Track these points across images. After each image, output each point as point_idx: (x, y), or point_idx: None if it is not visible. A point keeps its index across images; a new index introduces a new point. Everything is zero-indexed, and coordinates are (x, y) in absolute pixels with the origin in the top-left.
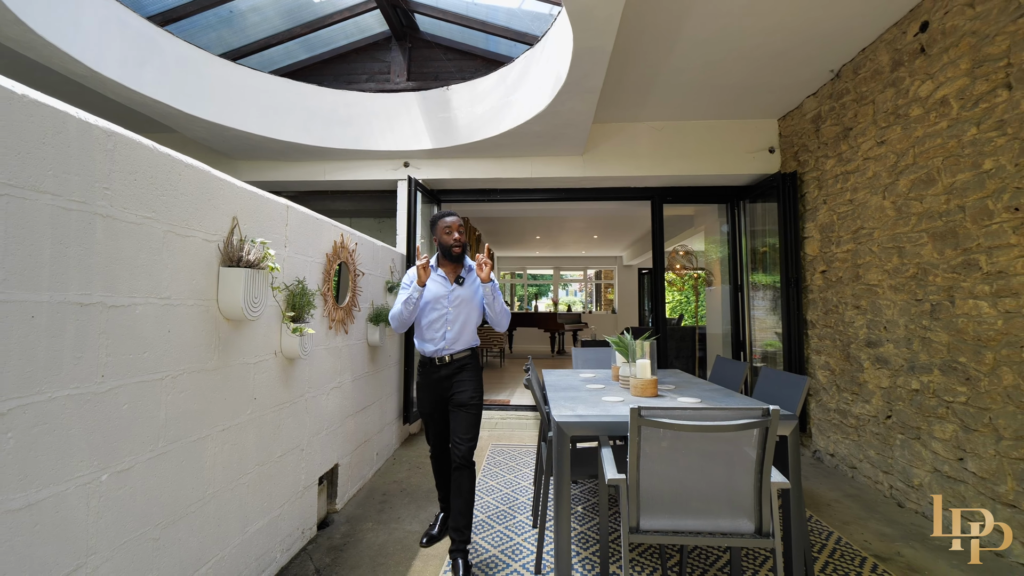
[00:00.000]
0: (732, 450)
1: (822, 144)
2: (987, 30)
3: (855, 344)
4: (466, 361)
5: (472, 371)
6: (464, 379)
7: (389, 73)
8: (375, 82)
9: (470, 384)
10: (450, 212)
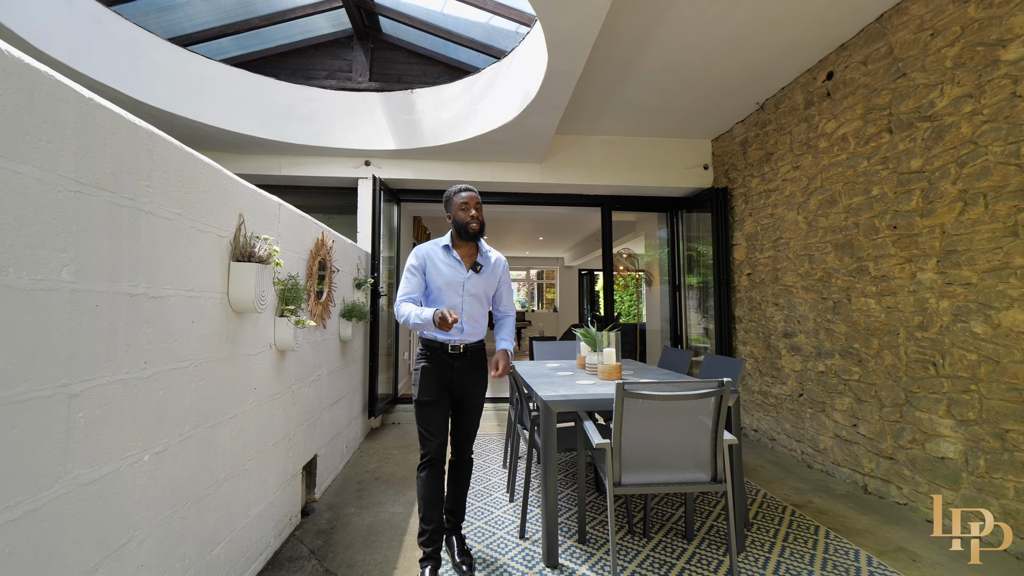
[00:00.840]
0: (693, 416)
1: (748, 165)
2: (876, 84)
3: (774, 335)
4: (481, 355)
5: (484, 366)
6: (479, 378)
7: (351, 72)
8: (336, 79)
9: (484, 383)
10: (467, 187)
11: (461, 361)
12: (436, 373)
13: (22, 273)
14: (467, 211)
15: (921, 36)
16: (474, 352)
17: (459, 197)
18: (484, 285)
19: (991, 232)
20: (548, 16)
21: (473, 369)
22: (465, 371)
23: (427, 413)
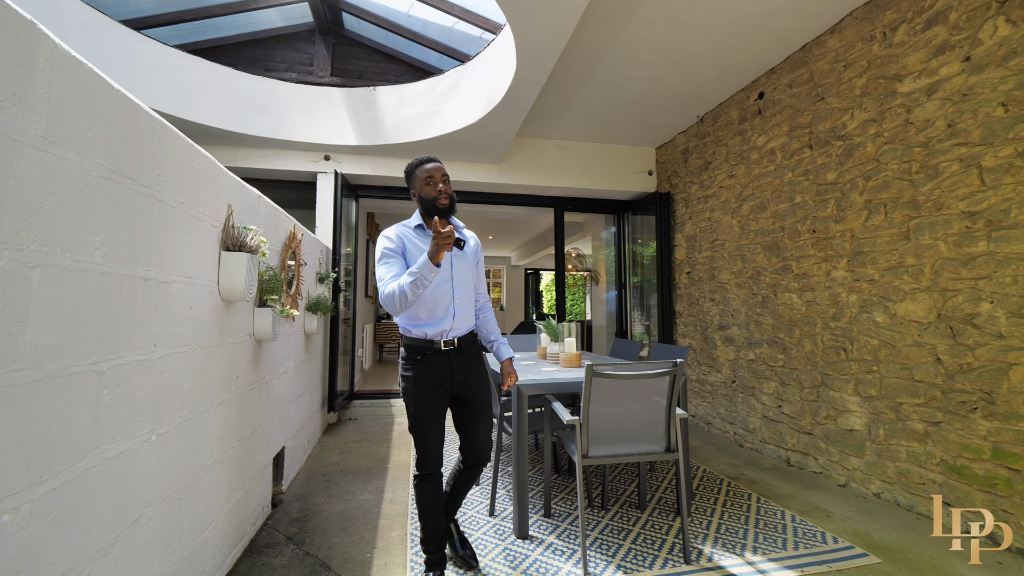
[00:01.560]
0: (650, 394)
1: (689, 172)
2: (799, 106)
3: (711, 328)
4: (477, 348)
5: (479, 359)
6: (481, 371)
7: (312, 66)
8: (296, 72)
9: (482, 377)
10: (429, 156)
11: (458, 358)
12: (431, 379)
13: (66, 254)
14: (433, 185)
15: (836, 66)
16: (469, 344)
17: (422, 170)
18: (469, 263)
19: (889, 236)
20: (520, 28)
21: (473, 364)
22: (465, 368)
23: (425, 429)
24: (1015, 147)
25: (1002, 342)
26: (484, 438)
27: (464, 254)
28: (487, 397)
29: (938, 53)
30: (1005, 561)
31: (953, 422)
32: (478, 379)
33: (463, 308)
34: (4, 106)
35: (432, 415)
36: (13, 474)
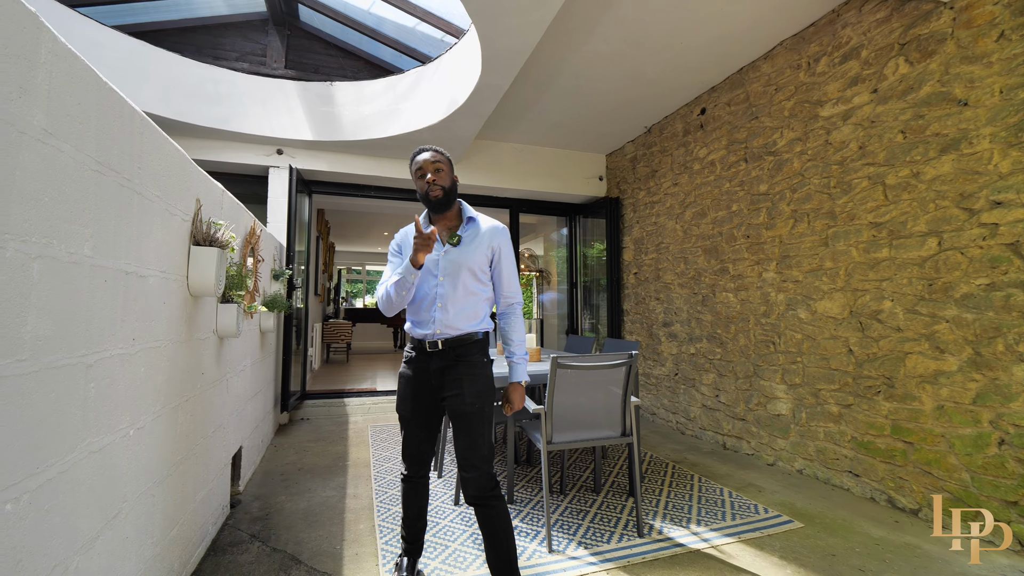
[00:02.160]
0: (607, 384)
1: (637, 179)
2: (736, 123)
3: (656, 325)
4: (466, 349)
5: (474, 364)
6: (462, 374)
7: (265, 56)
8: (247, 63)
9: (471, 382)
10: (422, 148)
11: (439, 360)
12: (410, 383)
13: (62, 246)
14: (423, 177)
15: (768, 89)
16: (456, 347)
17: (413, 164)
18: (466, 261)
19: (811, 242)
20: (488, 37)
21: (454, 367)
22: (445, 372)
23: (406, 429)
24: (911, 168)
25: (900, 334)
26: (467, 447)
27: (461, 251)
28: (465, 407)
29: (852, 84)
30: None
31: (861, 404)
32: (460, 384)
33: (451, 310)
34: (12, 98)
35: (413, 416)
36: (15, 463)
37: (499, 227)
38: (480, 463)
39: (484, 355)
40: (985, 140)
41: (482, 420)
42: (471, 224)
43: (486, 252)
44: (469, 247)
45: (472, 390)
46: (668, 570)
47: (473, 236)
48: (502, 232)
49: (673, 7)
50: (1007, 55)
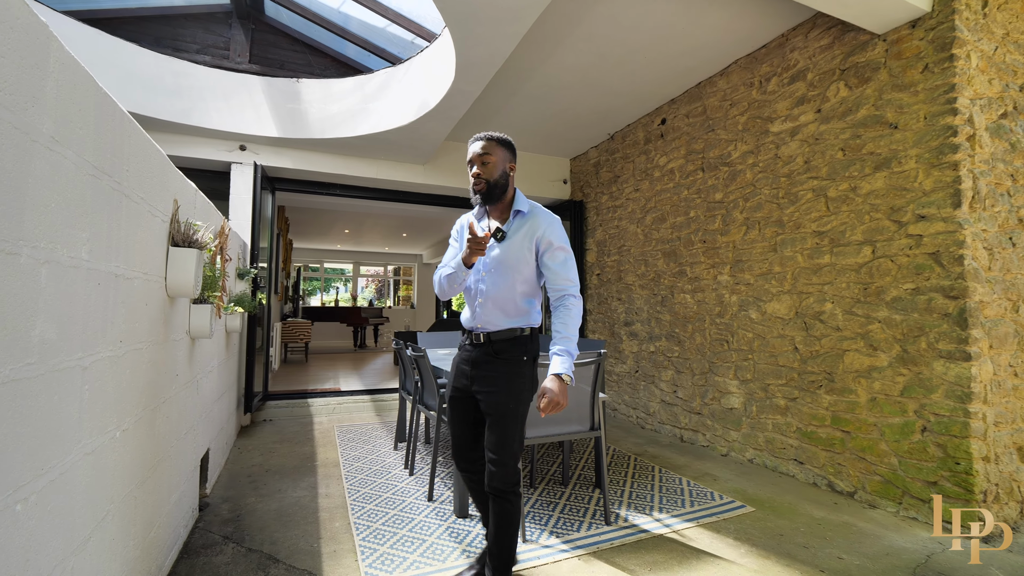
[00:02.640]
0: (578, 381)
1: (600, 183)
2: (694, 134)
3: (617, 324)
4: (505, 346)
5: (511, 362)
6: (498, 372)
7: (228, 50)
8: (209, 56)
9: (506, 380)
10: (474, 137)
11: (478, 352)
12: (454, 367)
13: (64, 250)
14: (471, 168)
15: (724, 104)
16: (496, 343)
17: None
18: (510, 257)
19: (762, 248)
20: (463, 45)
21: (490, 363)
22: (480, 364)
23: (449, 413)
24: (849, 183)
25: (839, 333)
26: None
27: (505, 247)
28: (493, 401)
29: (799, 104)
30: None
31: (805, 397)
32: (490, 381)
33: (493, 305)
34: (26, 107)
35: (452, 402)
36: (24, 464)
37: (547, 218)
38: (508, 460)
39: (525, 353)
40: (912, 160)
41: (515, 419)
42: (517, 217)
43: (531, 246)
44: (512, 242)
45: (506, 388)
46: (634, 554)
47: (518, 230)
48: (550, 222)
49: (637, 25)
50: (931, 85)
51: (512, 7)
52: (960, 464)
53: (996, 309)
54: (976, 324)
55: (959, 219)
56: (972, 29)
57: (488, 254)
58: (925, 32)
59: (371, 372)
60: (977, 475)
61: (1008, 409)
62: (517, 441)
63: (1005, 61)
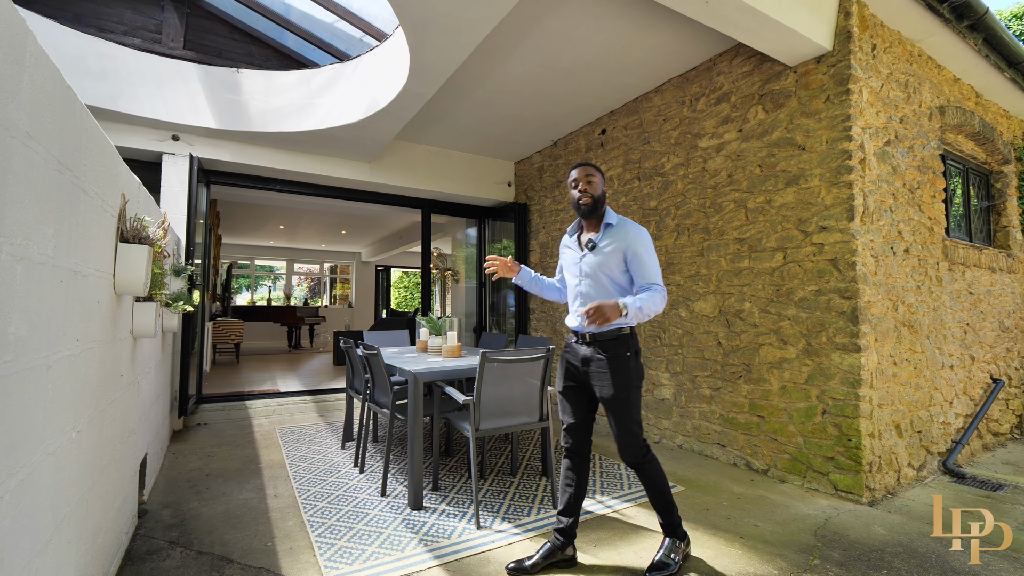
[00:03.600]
0: (526, 376)
1: (543, 187)
2: (631, 145)
3: (559, 322)
4: (610, 344)
5: (618, 358)
6: (607, 367)
7: (160, 34)
8: (139, 38)
9: (616, 374)
10: (579, 163)
11: (586, 349)
12: (564, 363)
13: (34, 247)
14: (576, 187)
15: (658, 119)
16: (602, 342)
17: (571, 176)
18: (603, 264)
19: (691, 252)
20: (418, 50)
21: (598, 359)
22: (591, 361)
23: (561, 406)
24: (765, 196)
25: (756, 329)
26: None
27: (597, 256)
28: (606, 394)
29: (724, 123)
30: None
31: (727, 387)
32: (605, 376)
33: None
34: (6, 103)
35: (564, 395)
36: (1, 463)
37: (635, 230)
38: (629, 439)
39: (628, 349)
40: (816, 178)
41: (628, 405)
42: (607, 231)
43: (621, 255)
44: (604, 252)
45: (618, 380)
46: (581, 533)
47: (609, 242)
48: (637, 234)
49: (582, 41)
50: (831, 114)
51: (469, 18)
52: (852, 440)
53: (880, 308)
54: (865, 321)
55: (852, 230)
56: (864, 68)
57: (584, 262)
58: (827, 68)
59: (310, 373)
60: (865, 449)
61: (889, 393)
62: (635, 423)
63: (889, 96)
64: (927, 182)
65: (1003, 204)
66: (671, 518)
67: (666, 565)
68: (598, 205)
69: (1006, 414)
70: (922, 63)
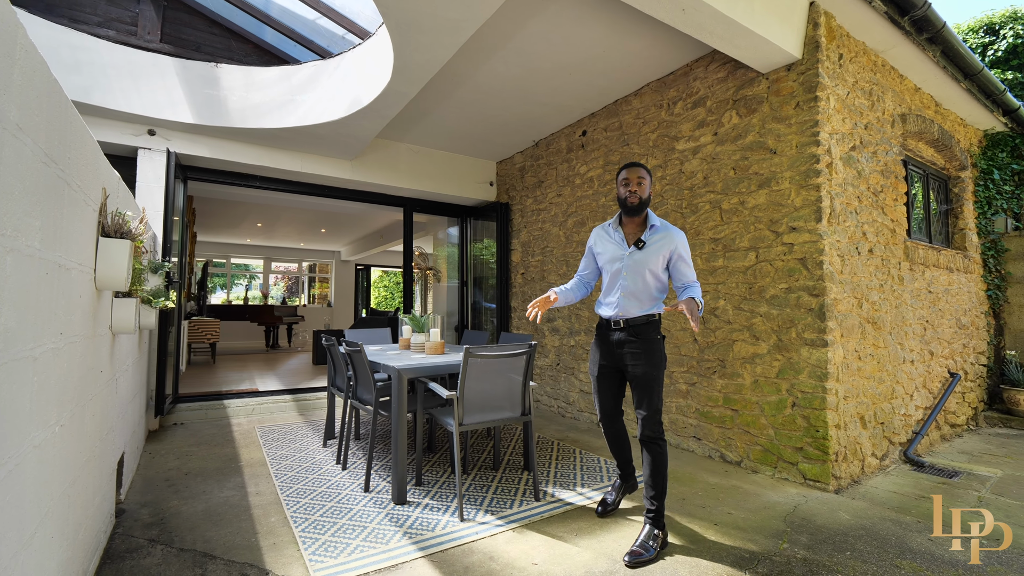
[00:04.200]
0: (509, 371)
1: (525, 187)
2: (611, 146)
3: (541, 321)
4: (642, 328)
5: (647, 341)
6: (640, 348)
7: (136, 26)
8: (114, 30)
9: (648, 354)
10: (631, 163)
11: (620, 334)
12: (597, 349)
13: (22, 239)
14: (627, 186)
15: (637, 121)
16: (635, 327)
17: (621, 174)
18: (647, 261)
19: None
20: (402, 49)
21: (631, 342)
22: (623, 343)
23: (596, 385)
24: (739, 198)
25: (730, 326)
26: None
27: (644, 253)
28: (639, 371)
29: (700, 126)
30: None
31: (703, 382)
32: (635, 356)
33: (630, 299)
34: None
35: (598, 376)
36: None
37: (679, 235)
38: (654, 414)
39: (657, 332)
40: (786, 181)
41: (656, 381)
42: (653, 231)
43: (665, 255)
44: (650, 250)
45: (649, 360)
46: (562, 523)
47: (655, 241)
48: (681, 238)
49: (564, 44)
50: (801, 120)
51: (454, 19)
52: (819, 431)
53: (846, 305)
54: (832, 317)
55: (820, 231)
56: (831, 76)
57: (629, 258)
58: (797, 75)
59: (289, 372)
60: (831, 440)
61: (854, 386)
62: (660, 400)
63: (854, 104)
64: (890, 186)
65: (960, 208)
66: (659, 505)
67: (644, 551)
68: (644, 205)
69: (962, 407)
70: (886, 72)
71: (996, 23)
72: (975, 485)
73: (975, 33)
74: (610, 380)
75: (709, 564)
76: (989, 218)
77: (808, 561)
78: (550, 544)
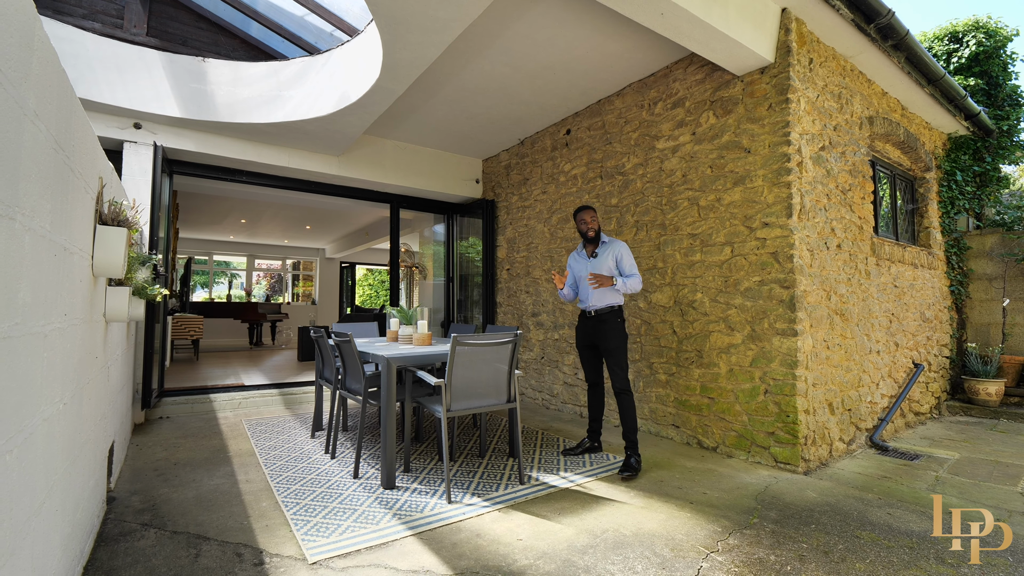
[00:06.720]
0: (495, 360)
1: (511, 184)
2: (595, 145)
3: (525, 315)
4: (607, 315)
5: (611, 324)
6: (606, 331)
7: (122, 19)
8: (99, 23)
9: (613, 335)
10: (584, 206)
11: (593, 320)
12: (580, 331)
13: (36, 220)
14: (584, 224)
15: (619, 121)
16: (601, 313)
17: (579, 216)
18: (600, 266)
19: (649, 247)
20: (392, 47)
21: (600, 326)
22: (596, 326)
23: (581, 359)
24: (715, 195)
25: (707, 318)
26: (614, 366)
27: (597, 261)
28: (610, 346)
29: (679, 126)
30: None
31: (681, 372)
32: (604, 335)
33: (595, 295)
34: (20, 82)
35: (581, 352)
36: (12, 418)
37: (619, 244)
38: (622, 373)
39: (618, 318)
40: (759, 179)
41: (620, 351)
42: (603, 246)
43: (612, 258)
44: (601, 258)
45: (614, 339)
46: (546, 504)
47: (604, 251)
48: (621, 245)
49: (548, 45)
50: (773, 121)
51: (442, 18)
52: (789, 417)
53: (815, 297)
54: (801, 308)
55: (791, 227)
56: (802, 80)
57: (591, 264)
58: (770, 78)
59: (274, 368)
60: (801, 424)
61: (822, 374)
62: (624, 364)
63: (824, 106)
64: (858, 185)
65: (925, 207)
66: (633, 437)
67: (632, 467)
68: (598, 234)
69: (926, 396)
70: (854, 77)
71: (960, 31)
72: (933, 466)
73: (940, 41)
74: (590, 353)
75: (684, 538)
76: (952, 217)
77: (776, 533)
78: (534, 522)
